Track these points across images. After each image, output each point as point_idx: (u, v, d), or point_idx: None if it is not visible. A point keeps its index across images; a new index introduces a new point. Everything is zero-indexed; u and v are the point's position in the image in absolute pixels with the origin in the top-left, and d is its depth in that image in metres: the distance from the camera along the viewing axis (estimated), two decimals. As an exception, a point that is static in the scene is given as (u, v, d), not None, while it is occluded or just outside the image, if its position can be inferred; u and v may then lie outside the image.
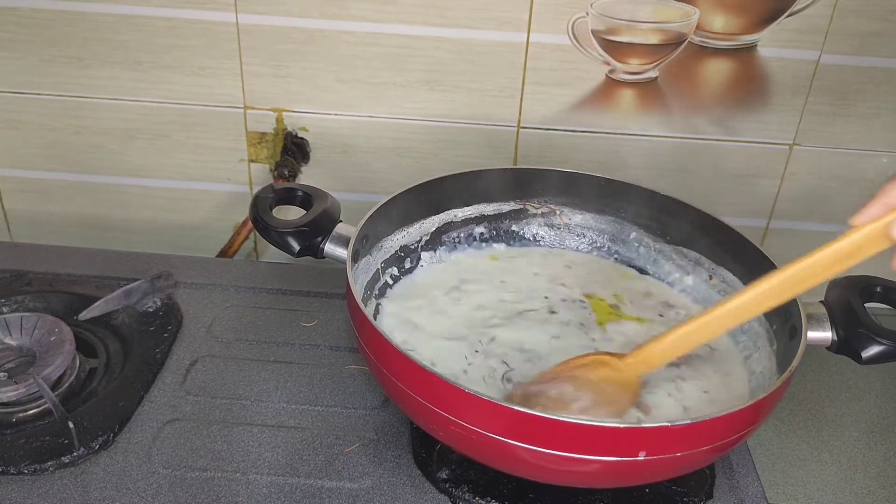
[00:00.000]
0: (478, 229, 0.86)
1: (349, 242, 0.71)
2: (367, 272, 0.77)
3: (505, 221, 0.87)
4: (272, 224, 0.73)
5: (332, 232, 0.73)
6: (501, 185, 0.86)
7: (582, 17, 0.90)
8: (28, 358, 0.77)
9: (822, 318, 0.68)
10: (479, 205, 0.86)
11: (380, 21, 0.91)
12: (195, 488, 0.67)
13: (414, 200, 0.80)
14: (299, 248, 0.73)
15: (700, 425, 0.58)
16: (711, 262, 0.81)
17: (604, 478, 0.63)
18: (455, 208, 0.85)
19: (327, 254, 0.73)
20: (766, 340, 0.73)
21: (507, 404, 0.58)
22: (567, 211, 0.87)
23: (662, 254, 0.85)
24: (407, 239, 0.82)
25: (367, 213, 0.75)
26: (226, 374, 0.79)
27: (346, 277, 0.68)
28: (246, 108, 0.98)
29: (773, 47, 0.91)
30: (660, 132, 0.97)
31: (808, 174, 0.99)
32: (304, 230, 0.73)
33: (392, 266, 0.81)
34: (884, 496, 0.78)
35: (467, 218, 0.86)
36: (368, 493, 0.68)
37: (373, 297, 0.78)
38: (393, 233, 0.80)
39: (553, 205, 0.87)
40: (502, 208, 0.87)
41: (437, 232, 0.84)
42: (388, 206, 0.78)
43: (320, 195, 0.76)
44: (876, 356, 0.65)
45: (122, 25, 0.93)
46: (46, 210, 1.07)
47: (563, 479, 0.64)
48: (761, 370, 0.72)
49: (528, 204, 0.87)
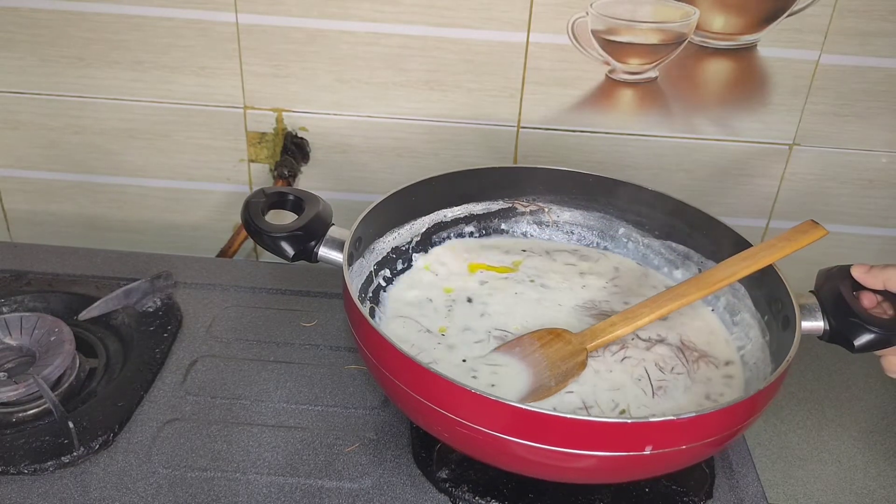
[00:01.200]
0: (468, 228, 0.87)
1: (343, 245, 0.71)
2: (361, 275, 0.77)
3: (494, 220, 0.87)
4: (265, 229, 0.72)
5: (326, 235, 0.73)
6: (490, 184, 0.86)
7: (582, 17, 0.90)
8: (28, 358, 0.77)
9: (814, 308, 0.69)
10: (468, 204, 0.86)
11: (380, 21, 0.91)
12: (195, 488, 0.67)
13: (404, 202, 0.81)
14: (294, 252, 0.72)
15: (703, 418, 0.58)
16: (700, 256, 0.81)
17: (608, 473, 0.63)
18: (445, 208, 0.85)
19: (321, 258, 0.72)
20: (759, 331, 0.73)
21: (509, 402, 0.58)
22: (555, 208, 0.87)
23: (651, 248, 0.85)
24: (399, 240, 0.82)
25: (359, 216, 0.75)
26: (226, 374, 0.79)
27: (343, 280, 0.68)
28: (246, 108, 0.98)
29: (773, 47, 0.91)
30: (660, 132, 0.97)
31: (808, 174, 0.99)
32: (297, 234, 0.72)
33: (384, 268, 0.81)
34: (884, 496, 0.78)
35: (457, 217, 0.86)
36: (368, 493, 0.68)
37: (367, 300, 0.78)
38: (384, 235, 0.80)
39: (541, 202, 0.87)
40: (491, 207, 0.87)
41: (427, 232, 0.84)
42: (380, 208, 0.78)
43: (312, 199, 0.76)
44: (868, 344, 0.66)
45: (122, 25, 0.93)
46: (46, 210, 1.07)
47: (567, 475, 0.65)
48: (754, 361, 0.72)
49: (516, 202, 0.87)
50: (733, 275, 0.71)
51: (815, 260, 0.75)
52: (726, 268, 0.72)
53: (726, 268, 0.72)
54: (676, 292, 0.72)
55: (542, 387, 0.68)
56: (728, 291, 0.78)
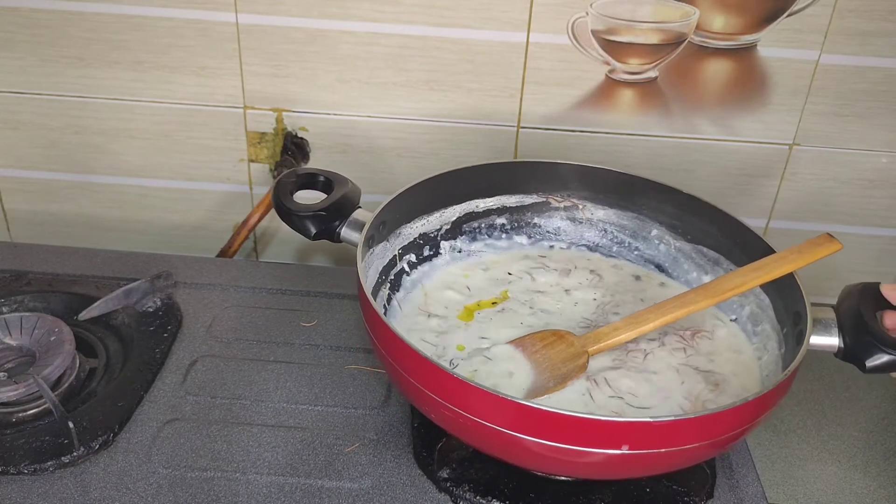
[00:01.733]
0: (499, 220, 0.87)
1: (364, 228, 0.72)
2: (384, 258, 0.78)
3: (527, 213, 0.87)
4: (292, 208, 0.74)
5: (350, 217, 0.74)
6: (524, 178, 0.86)
7: (582, 17, 0.90)
8: (28, 358, 0.77)
9: (831, 324, 0.67)
10: (501, 196, 0.86)
11: (380, 21, 0.91)
12: (195, 488, 0.67)
13: (435, 190, 0.81)
14: (316, 231, 0.74)
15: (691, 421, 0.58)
16: (729, 262, 0.81)
17: (611, 469, 0.63)
18: (478, 199, 0.85)
19: (344, 238, 0.74)
20: (776, 343, 0.72)
21: (509, 397, 0.58)
22: (590, 206, 0.87)
23: (682, 252, 0.84)
24: (427, 227, 0.82)
25: (385, 200, 0.76)
26: (226, 374, 0.79)
27: (357, 265, 0.68)
28: (246, 108, 0.98)
29: (773, 47, 0.91)
30: (660, 132, 0.97)
31: (808, 174, 0.99)
32: (321, 214, 0.74)
33: (410, 253, 0.81)
34: (884, 496, 0.78)
35: (489, 209, 0.86)
36: (368, 493, 0.68)
37: (387, 282, 0.78)
38: (413, 220, 0.81)
39: (576, 199, 0.87)
40: (525, 200, 0.87)
41: (458, 221, 0.84)
42: (408, 194, 0.78)
43: (341, 180, 0.78)
44: (880, 366, 0.64)
45: (122, 25, 0.93)
46: (46, 210, 1.07)
47: (568, 470, 0.65)
48: (767, 374, 0.71)
49: (550, 197, 0.87)
50: (742, 285, 0.70)
51: (817, 262, 0.74)
52: (736, 277, 0.71)
53: (736, 277, 0.71)
54: (684, 299, 0.71)
55: (542, 387, 0.68)
56: (753, 301, 0.77)
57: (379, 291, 0.76)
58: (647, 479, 0.70)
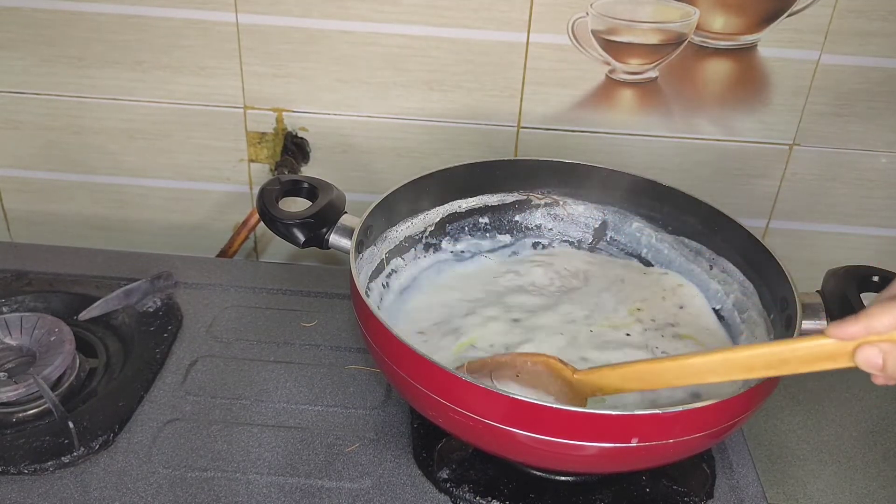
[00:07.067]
0: (482, 220, 0.87)
1: (353, 233, 0.72)
2: (372, 262, 0.78)
3: (509, 212, 0.88)
4: (278, 216, 0.74)
5: (337, 223, 0.74)
6: (505, 177, 0.86)
7: (582, 17, 0.90)
8: (28, 358, 0.77)
9: (818, 308, 0.69)
10: (483, 195, 0.86)
11: (380, 21, 0.91)
12: (195, 488, 0.67)
13: (418, 192, 0.81)
14: (304, 239, 0.74)
15: (692, 413, 0.59)
16: (711, 252, 0.82)
17: (602, 463, 0.64)
18: (459, 199, 0.85)
19: (332, 244, 0.74)
20: (764, 330, 0.73)
21: (505, 392, 0.58)
22: (570, 202, 0.88)
23: (664, 243, 0.85)
24: (412, 230, 0.83)
25: (371, 205, 0.76)
26: (226, 374, 0.79)
27: (350, 268, 0.68)
28: (246, 108, 0.98)
29: (773, 47, 0.91)
30: (660, 132, 0.97)
31: (808, 174, 0.99)
32: (309, 221, 0.74)
33: (396, 256, 0.81)
34: (884, 496, 0.78)
35: (471, 208, 0.86)
36: (368, 493, 0.68)
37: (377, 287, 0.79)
38: (397, 224, 0.81)
39: (556, 195, 0.87)
40: (506, 199, 0.87)
41: (441, 222, 0.85)
42: (392, 198, 0.79)
43: (326, 187, 0.78)
44: None
45: (122, 25, 0.93)
46: (46, 210, 1.07)
47: (563, 464, 0.65)
48: None
49: (531, 195, 0.87)
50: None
51: (817, 260, 0.75)
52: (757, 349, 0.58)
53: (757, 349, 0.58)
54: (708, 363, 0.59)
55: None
56: (738, 289, 0.78)
57: (370, 295, 0.77)
58: (647, 479, 0.70)
